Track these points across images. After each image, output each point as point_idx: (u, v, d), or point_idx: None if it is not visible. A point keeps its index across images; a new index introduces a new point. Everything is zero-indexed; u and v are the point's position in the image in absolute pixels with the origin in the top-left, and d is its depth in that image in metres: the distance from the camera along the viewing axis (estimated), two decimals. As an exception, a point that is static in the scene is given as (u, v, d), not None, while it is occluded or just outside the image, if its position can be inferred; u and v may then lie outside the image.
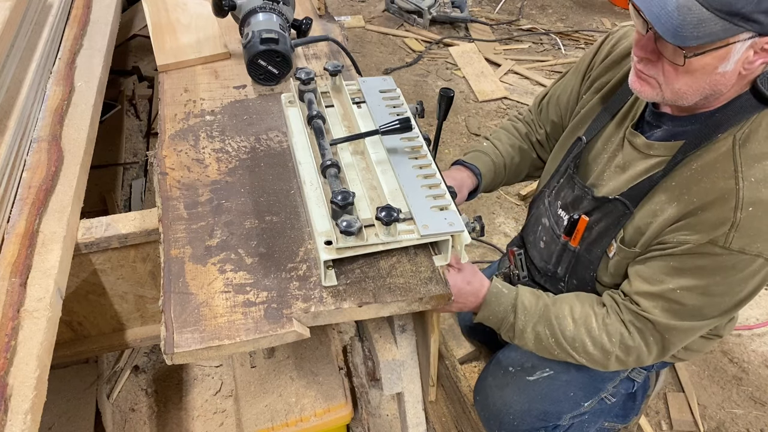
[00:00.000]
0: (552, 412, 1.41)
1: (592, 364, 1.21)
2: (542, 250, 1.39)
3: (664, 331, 1.13)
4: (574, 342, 1.19)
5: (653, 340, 1.15)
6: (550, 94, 1.47)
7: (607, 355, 1.18)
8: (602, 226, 1.21)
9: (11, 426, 0.82)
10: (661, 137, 1.14)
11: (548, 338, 1.20)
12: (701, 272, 1.05)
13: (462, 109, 3.21)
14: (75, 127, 1.35)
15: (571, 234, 1.27)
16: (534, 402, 1.40)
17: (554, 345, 1.20)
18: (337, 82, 1.37)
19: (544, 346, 1.22)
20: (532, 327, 1.21)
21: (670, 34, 0.91)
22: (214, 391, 1.81)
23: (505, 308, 1.22)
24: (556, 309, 1.20)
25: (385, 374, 1.27)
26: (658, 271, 1.10)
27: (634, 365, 1.21)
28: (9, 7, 1.44)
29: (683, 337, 1.15)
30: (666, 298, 1.10)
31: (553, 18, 4.06)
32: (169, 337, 0.93)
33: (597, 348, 1.18)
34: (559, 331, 1.19)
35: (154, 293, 1.35)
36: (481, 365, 2.02)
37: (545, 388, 1.39)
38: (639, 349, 1.16)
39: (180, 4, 1.78)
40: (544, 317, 1.20)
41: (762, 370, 2.03)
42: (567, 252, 1.30)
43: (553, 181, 1.36)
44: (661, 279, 1.09)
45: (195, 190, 1.19)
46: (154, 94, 2.95)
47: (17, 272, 1.01)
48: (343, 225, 0.97)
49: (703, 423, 1.89)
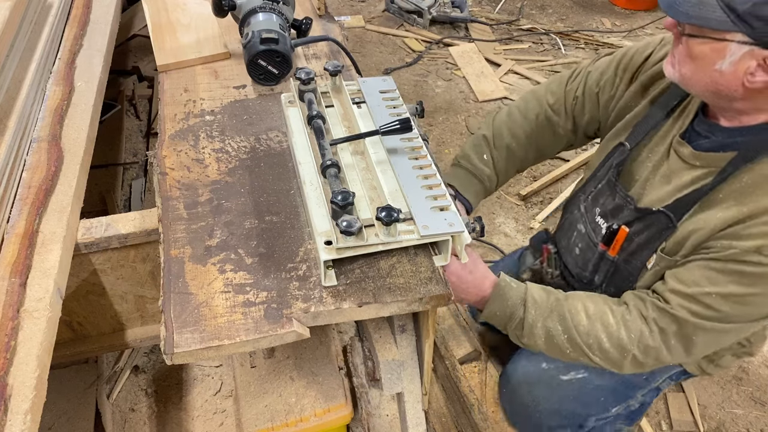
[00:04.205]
0: (580, 414, 1.39)
1: (606, 364, 1.16)
2: (577, 257, 1.34)
3: (691, 332, 1.08)
4: (589, 338, 1.13)
5: (675, 342, 1.10)
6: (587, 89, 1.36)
7: (624, 353, 1.12)
8: (643, 238, 1.16)
9: (11, 426, 0.82)
10: (710, 148, 1.10)
11: (560, 335, 1.15)
12: (742, 280, 1.02)
13: (462, 109, 3.21)
14: (75, 127, 1.35)
15: (609, 244, 1.23)
16: (564, 402, 1.37)
17: (567, 342, 1.15)
18: (337, 82, 1.37)
19: (555, 344, 1.16)
20: (543, 322, 1.16)
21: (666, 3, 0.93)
22: (214, 391, 1.81)
23: (514, 302, 1.17)
24: (569, 304, 1.16)
25: (385, 374, 1.27)
26: (698, 273, 1.06)
27: (650, 367, 1.16)
28: (9, 7, 1.44)
29: (708, 342, 1.11)
30: (699, 301, 1.06)
31: (553, 18, 4.06)
32: (169, 337, 0.93)
33: (614, 345, 1.12)
34: (572, 327, 1.14)
35: (154, 293, 1.34)
36: (482, 365, 2.02)
37: (577, 389, 1.36)
38: (659, 351, 1.11)
39: (180, 4, 1.78)
40: (557, 312, 1.15)
41: (762, 370, 2.03)
42: (605, 261, 1.25)
43: (590, 185, 1.31)
44: (698, 281, 1.05)
45: (195, 190, 1.19)
46: (154, 94, 2.95)
47: (17, 272, 1.01)
48: (343, 225, 0.97)
49: (703, 423, 1.89)
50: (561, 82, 1.42)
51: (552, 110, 1.41)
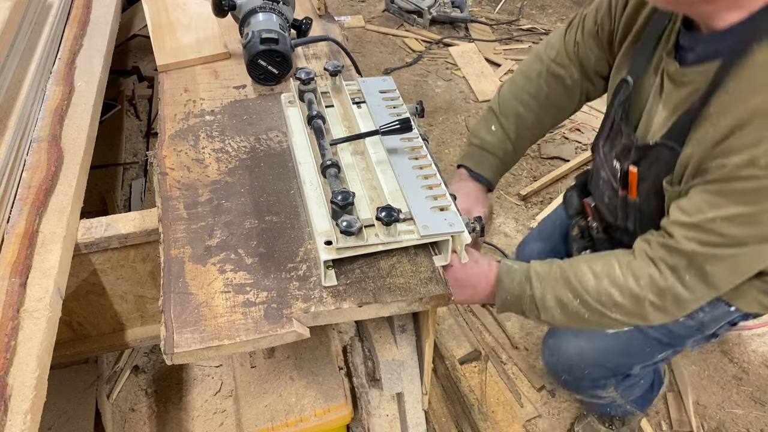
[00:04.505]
0: (625, 365, 1.37)
1: (628, 319, 1.09)
2: (608, 205, 1.28)
3: (702, 262, 1.00)
4: (600, 296, 1.07)
5: (690, 278, 1.02)
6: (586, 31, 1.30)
7: (639, 302, 1.05)
8: (653, 175, 1.10)
9: (11, 426, 0.82)
10: (695, 60, 1.02)
11: (572, 301, 1.09)
12: (742, 199, 0.94)
13: (462, 109, 3.21)
14: (75, 127, 1.35)
15: (627, 187, 1.17)
16: (609, 354, 1.35)
17: (581, 307, 1.09)
18: (337, 82, 1.37)
19: (571, 312, 1.10)
20: (552, 293, 1.11)
21: None
22: (214, 391, 1.81)
23: (520, 281, 1.13)
24: (574, 268, 1.11)
25: (385, 374, 1.27)
26: (698, 200, 0.98)
27: (677, 311, 1.07)
28: (9, 7, 1.44)
29: (727, 271, 1.02)
30: (704, 228, 0.98)
31: (553, 18, 4.06)
32: (169, 337, 0.93)
33: (626, 296, 1.06)
34: (581, 289, 1.08)
35: (154, 293, 1.34)
36: (482, 365, 2.02)
37: (624, 342, 1.33)
38: (674, 290, 1.03)
39: (180, 4, 1.78)
40: (562, 279, 1.10)
41: (762, 370, 2.03)
42: (629, 206, 1.19)
43: (605, 128, 1.25)
44: (700, 208, 0.98)
45: (195, 190, 1.19)
46: (154, 94, 2.95)
47: (17, 272, 1.01)
48: (343, 225, 0.97)
49: (703, 423, 1.89)
50: (560, 34, 1.37)
51: (555, 63, 1.36)
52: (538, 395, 1.96)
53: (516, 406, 1.92)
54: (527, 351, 2.09)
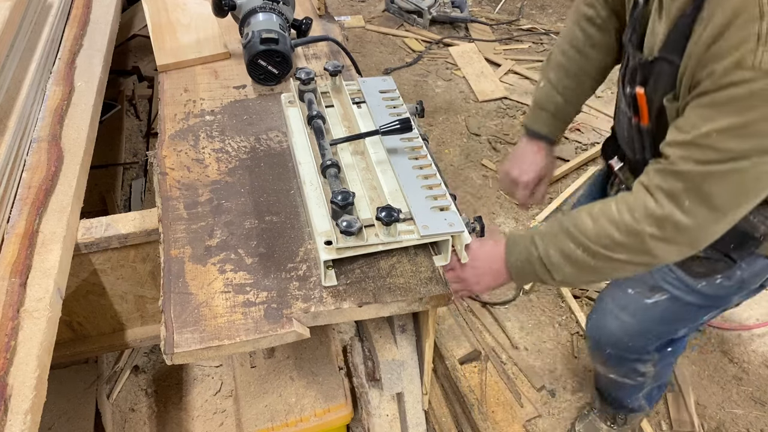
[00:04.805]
0: (668, 332, 1.37)
1: (635, 257, 1.03)
2: (627, 140, 1.24)
3: (701, 183, 0.94)
4: (600, 239, 1.02)
5: (690, 203, 0.95)
6: None
7: (638, 236, 0.99)
8: (659, 95, 1.04)
9: (11, 426, 0.82)
10: None
11: (575, 251, 1.04)
12: (735, 107, 0.88)
13: (462, 109, 3.21)
14: (75, 127, 1.35)
15: (638, 113, 1.12)
16: (651, 323, 1.35)
17: (586, 255, 1.04)
18: (337, 82, 1.37)
19: (578, 263, 1.05)
20: (555, 247, 1.07)
21: None
22: (214, 391, 1.81)
23: (525, 246, 1.10)
24: (573, 218, 1.07)
25: (385, 374, 1.27)
26: (692, 116, 0.93)
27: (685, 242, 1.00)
28: (9, 7, 1.44)
29: (730, 191, 0.94)
30: (699, 145, 0.92)
31: (553, 18, 4.06)
32: (169, 337, 0.93)
33: (623, 233, 1.00)
34: (581, 236, 1.04)
35: (154, 293, 1.34)
36: (481, 365, 2.02)
37: (664, 310, 1.32)
38: (673, 218, 0.96)
39: (180, 4, 1.78)
40: (562, 231, 1.07)
41: (762, 370, 2.03)
42: (643, 134, 1.15)
43: (624, 57, 1.20)
44: (695, 123, 0.92)
45: (195, 190, 1.19)
46: (154, 94, 2.95)
47: (17, 272, 1.01)
48: (343, 225, 0.97)
49: (703, 423, 1.89)
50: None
51: (584, 4, 1.34)
52: (538, 395, 1.96)
53: (516, 406, 1.92)
54: (527, 351, 2.09)
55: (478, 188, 2.74)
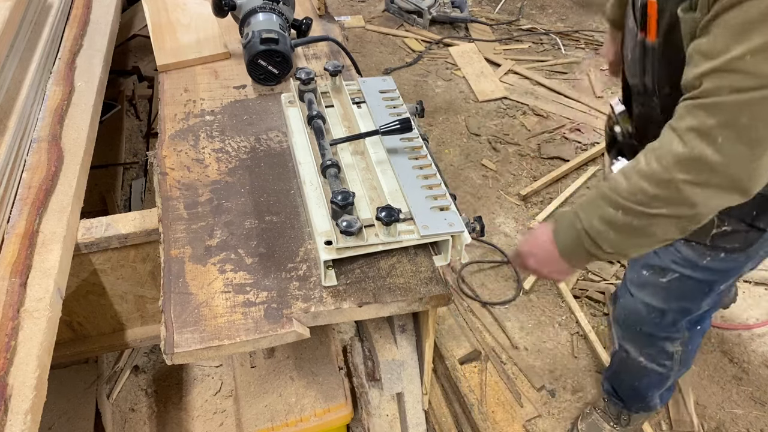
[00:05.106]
0: (690, 308, 1.38)
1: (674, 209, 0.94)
2: (630, 63, 1.18)
3: (738, 115, 0.85)
4: (635, 196, 0.95)
5: (724, 139, 0.86)
6: None
7: (671, 185, 0.91)
8: (673, 2, 0.96)
9: (11, 426, 0.82)
10: None
11: (615, 214, 0.98)
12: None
13: (462, 109, 3.21)
14: (75, 127, 1.35)
15: (645, 27, 1.05)
16: (672, 301, 1.36)
17: (626, 216, 0.97)
18: (337, 82, 1.37)
19: (621, 227, 0.99)
20: (596, 215, 1.02)
21: None
22: (214, 391, 1.81)
23: (570, 221, 1.06)
24: (608, 180, 1.02)
25: (385, 374, 1.27)
26: (720, 37, 0.84)
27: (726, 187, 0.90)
28: (9, 7, 1.44)
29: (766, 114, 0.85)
30: (733, 70, 0.83)
31: (553, 18, 4.06)
32: (169, 337, 0.93)
33: (654, 184, 0.93)
34: (617, 196, 0.98)
35: (154, 293, 1.34)
36: (481, 365, 2.02)
37: (678, 288, 1.32)
38: (704, 158, 0.87)
39: (180, 4, 1.78)
40: (599, 196, 1.02)
41: (762, 370, 2.03)
42: (648, 53, 1.09)
43: None
44: (725, 45, 0.83)
45: (195, 190, 1.19)
46: (154, 94, 2.95)
47: (17, 272, 1.01)
48: (343, 225, 0.97)
49: (703, 423, 1.89)
50: None
51: None
52: (538, 395, 1.96)
53: (516, 406, 1.92)
54: (527, 351, 2.09)
55: (478, 188, 2.74)
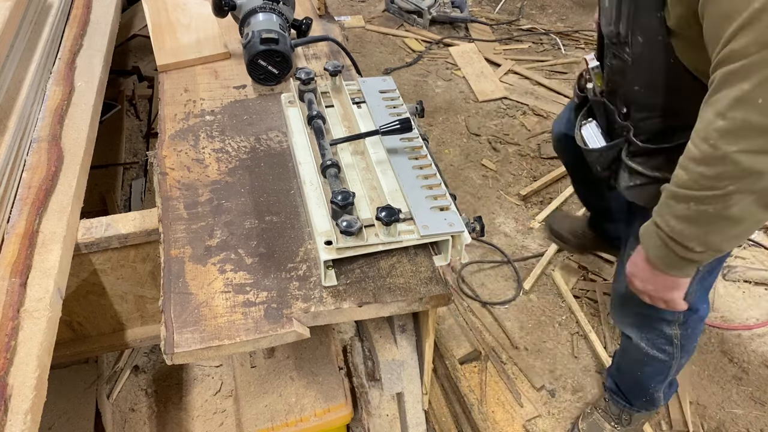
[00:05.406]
0: None
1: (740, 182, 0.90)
2: (606, 10, 1.16)
3: None
4: (697, 182, 0.93)
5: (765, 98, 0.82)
6: None
7: (726, 160, 0.88)
8: None
9: (11, 426, 0.82)
10: None
11: (688, 207, 0.96)
12: None
13: (462, 109, 3.21)
14: (75, 127, 1.35)
15: None
16: None
17: (699, 206, 0.95)
18: (337, 82, 1.37)
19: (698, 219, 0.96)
20: (670, 214, 1.00)
21: None
22: (214, 391, 1.81)
23: (652, 231, 1.04)
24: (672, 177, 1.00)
25: (385, 374, 1.27)
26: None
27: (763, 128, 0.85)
28: (9, 7, 1.44)
29: None
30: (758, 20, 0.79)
31: (553, 18, 4.06)
32: (169, 337, 0.93)
33: (711, 165, 0.89)
34: (683, 190, 0.95)
35: (154, 293, 1.35)
36: (481, 365, 2.02)
37: None
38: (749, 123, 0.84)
39: (180, 4, 1.78)
40: (668, 195, 0.99)
41: (762, 370, 2.03)
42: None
43: None
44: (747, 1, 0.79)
45: (195, 190, 1.19)
46: (154, 94, 2.95)
47: (17, 272, 1.01)
48: (343, 225, 0.97)
49: (703, 423, 1.89)
50: None
51: None
52: (538, 395, 1.96)
53: (516, 406, 1.92)
54: (527, 351, 2.09)
55: (478, 188, 2.74)
